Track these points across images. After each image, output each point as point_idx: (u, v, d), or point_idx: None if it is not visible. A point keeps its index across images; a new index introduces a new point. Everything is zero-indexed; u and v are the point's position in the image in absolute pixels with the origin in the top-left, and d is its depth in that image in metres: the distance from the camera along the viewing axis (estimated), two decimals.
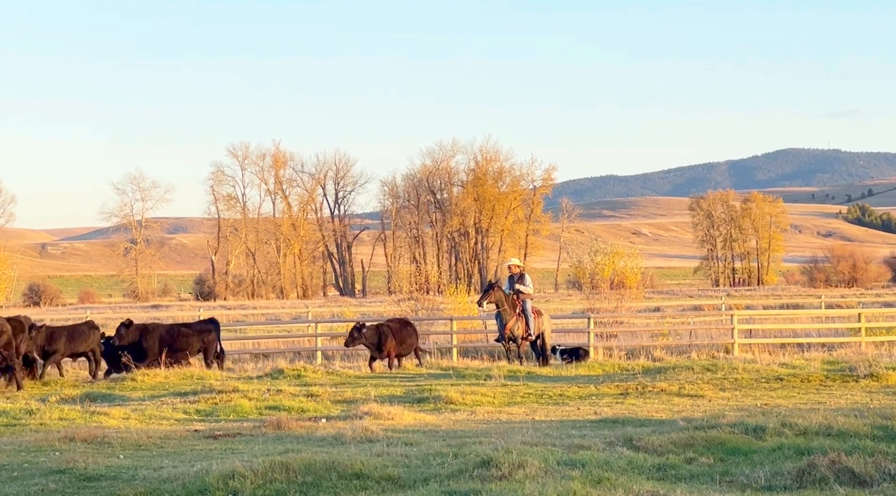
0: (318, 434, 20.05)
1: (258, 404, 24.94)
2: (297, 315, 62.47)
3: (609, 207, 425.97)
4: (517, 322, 33.66)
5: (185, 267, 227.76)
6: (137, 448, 19.03)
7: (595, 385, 28.00)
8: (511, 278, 34.67)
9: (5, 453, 18.77)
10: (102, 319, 59.89)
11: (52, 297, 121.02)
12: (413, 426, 21.08)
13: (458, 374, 31.78)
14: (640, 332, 41.81)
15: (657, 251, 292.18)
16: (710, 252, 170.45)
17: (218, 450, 18.48)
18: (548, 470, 14.64)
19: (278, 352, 38.90)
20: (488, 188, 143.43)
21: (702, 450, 16.54)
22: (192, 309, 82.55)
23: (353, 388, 28.42)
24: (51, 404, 25.38)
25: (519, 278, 34.45)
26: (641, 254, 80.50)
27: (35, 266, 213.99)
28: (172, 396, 27.04)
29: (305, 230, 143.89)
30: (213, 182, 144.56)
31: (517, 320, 33.66)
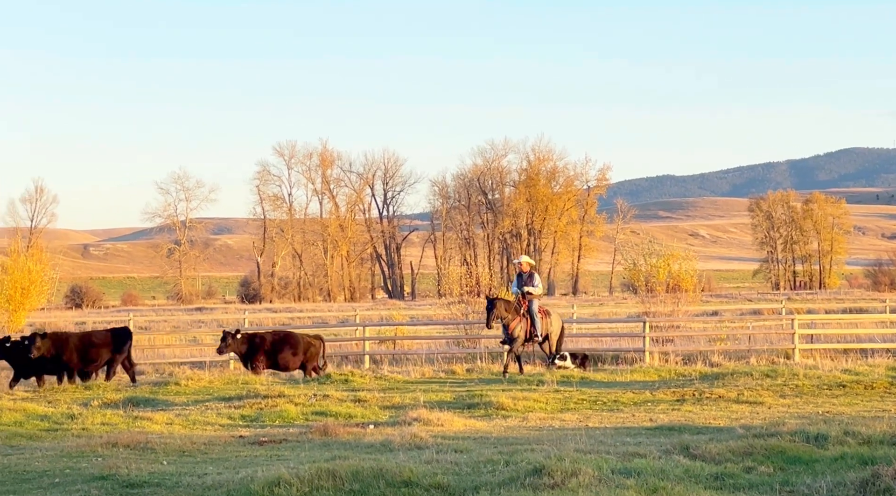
0: (366, 440, 20.07)
1: (304, 409, 24.98)
2: (345, 318, 62.57)
3: (665, 208, 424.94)
4: (520, 323, 33.37)
5: (230, 268, 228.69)
6: (181, 454, 19.09)
7: (650, 391, 27.93)
8: (520, 276, 34.42)
9: (47, 458, 18.87)
10: (145, 322, 60.18)
11: (94, 299, 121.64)
12: (463, 433, 21.07)
13: (509, 379, 31.78)
14: (697, 337, 41.64)
15: (715, 253, 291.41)
16: (770, 254, 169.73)
17: (263, 457, 18.52)
18: (602, 478, 14.61)
19: (326, 357, 38.96)
20: (541, 188, 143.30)
21: (761, 459, 16.47)
22: (236, 311, 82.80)
23: (401, 394, 28.42)
24: (93, 409, 25.50)
25: (528, 277, 34.16)
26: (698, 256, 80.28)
27: (77, 267, 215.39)
28: (217, 401, 27.12)
29: (353, 231, 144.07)
30: (258, 182, 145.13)
31: (521, 321, 33.38)
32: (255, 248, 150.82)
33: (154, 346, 42.31)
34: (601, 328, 47.42)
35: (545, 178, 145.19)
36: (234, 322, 59.17)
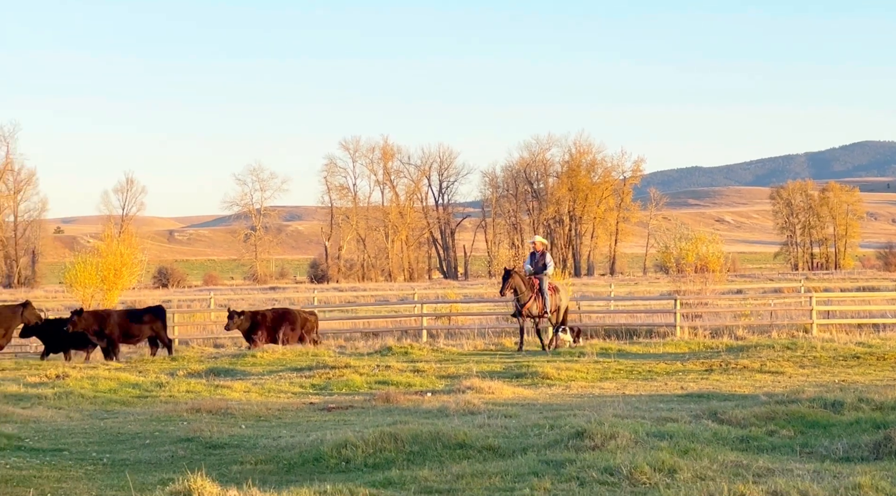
0: (424, 407, 20.08)
1: (368, 379, 25.01)
2: (404, 296, 62.61)
3: (694, 196, 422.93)
4: (535, 301, 32.67)
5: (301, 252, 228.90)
6: (258, 419, 19.16)
7: (681, 362, 27.84)
8: (532, 255, 33.71)
9: (139, 422, 18.98)
10: (225, 300, 60.34)
11: (178, 280, 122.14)
12: (512, 400, 21.06)
13: (553, 351, 31.74)
14: (723, 313, 41.45)
15: (739, 237, 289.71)
16: (790, 238, 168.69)
17: (331, 422, 18.56)
18: (638, 441, 14.58)
19: (387, 331, 39.00)
20: (581, 179, 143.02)
21: (783, 424, 16.40)
22: (306, 290, 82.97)
23: (456, 365, 28.42)
24: (179, 378, 25.61)
25: (541, 256, 33.40)
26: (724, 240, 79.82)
27: (163, 251, 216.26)
28: (289, 371, 27.18)
29: (412, 218, 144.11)
30: (326, 173, 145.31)
31: (535, 299, 32.68)
32: (323, 234, 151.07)
33: None
34: (636, 305, 47.28)
35: (585, 170, 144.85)
36: (304, 300, 59.33)
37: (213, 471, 13.34)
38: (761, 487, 11.15)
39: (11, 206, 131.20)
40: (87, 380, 24.49)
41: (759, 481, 11.83)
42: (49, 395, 22.46)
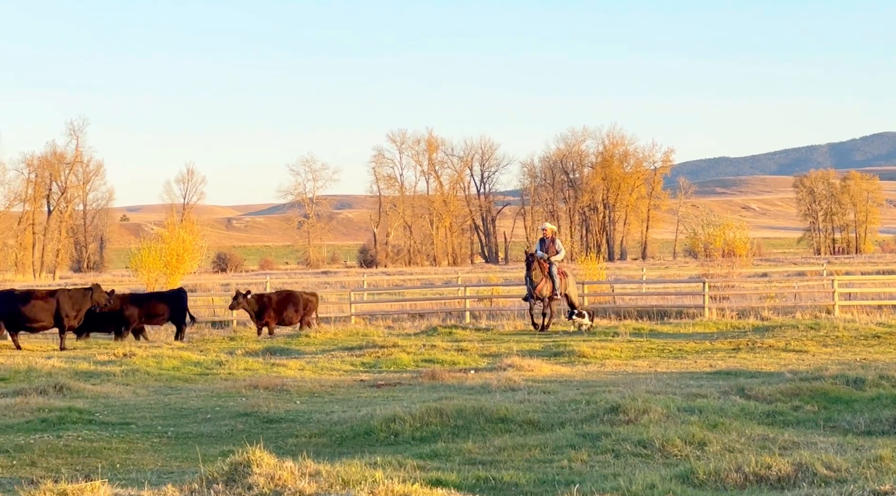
0: (468, 383, 20.08)
1: (415, 357, 25.03)
2: (448, 280, 62.55)
3: (721, 185, 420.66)
4: (546, 283, 32.40)
5: (351, 238, 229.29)
6: (311, 395, 19.20)
7: (710, 341, 27.74)
8: (542, 241, 33.39)
9: (200, 398, 19.06)
10: (280, 283, 60.52)
11: (236, 265, 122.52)
12: (550, 377, 21.05)
13: (589, 331, 31.69)
14: (749, 295, 41.29)
15: (764, 224, 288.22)
16: (812, 224, 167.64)
17: (380, 398, 18.59)
18: (669, 415, 14.55)
19: (432, 313, 39.03)
20: (614, 169, 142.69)
21: (807, 399, 16.34)
22: (356, 275, 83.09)
23: (497, 344, 28.42)
24: (237, 357, 25.70)
25: (551, 242, 33.12)
26: (750, 226, 79.64)
27: (222, 238, 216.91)
28: (341, 351, 27.22)
29: (455, 206, 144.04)
30: (374, 164, 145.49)
31: (546, 282, 32.42)
32: (371, 221, 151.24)
33: None
34: (667, 288, 47.12)
35: (618, 160, 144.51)
36: (354, 283, 59.47)
37: (270, 444, 13.38)
38: (787, 459, 11.10)
39: (81, 196, 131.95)
40: (152, 359, 24.61)
41: (785, 453, 11.78)
42: (117, 373, 22.59)
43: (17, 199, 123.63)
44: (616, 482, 10.57)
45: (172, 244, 56.23)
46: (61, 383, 19.75)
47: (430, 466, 12.12)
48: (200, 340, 31.69)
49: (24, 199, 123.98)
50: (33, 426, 15.90)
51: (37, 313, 30.74)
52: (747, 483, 10.67)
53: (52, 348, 30.47)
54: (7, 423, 16.14)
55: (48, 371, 22.64)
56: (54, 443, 14.63)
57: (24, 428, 15.78)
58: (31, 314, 30.68)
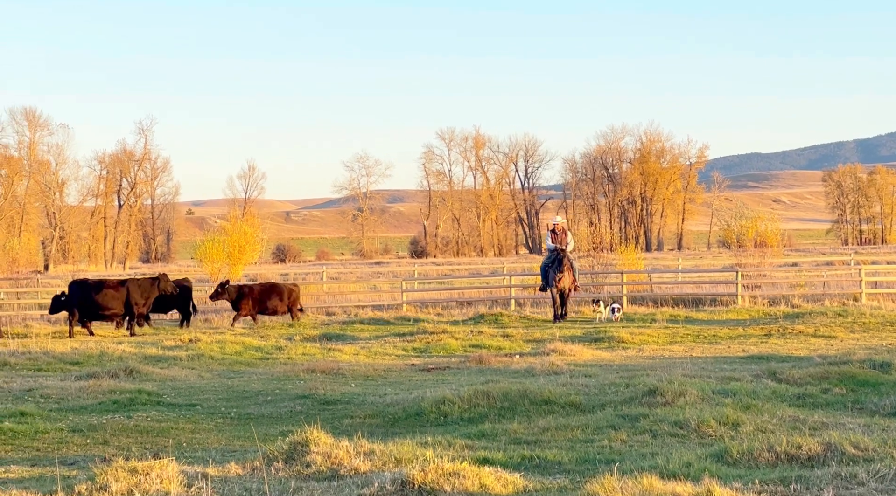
0: (513, 367, 20.08)
1: (463, 343, 25.04)
2: (495, 269, 62.48)
3: (753, 179, 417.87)
4: (566, 275, 31.66)
5: (402, 230, 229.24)
6: (365, 378, 19.25)
7: (743, 327, 27.61)
8: (553, 232, 32.46)
9: (261, 381, 19.14)
10: (335, 273, 60.71)
11: (294, 256, 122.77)
12: (591, 361, 21.01)
13: (627, 318, 31.60)
14: (780, 283, 41.01)
15: (794, 216, 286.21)
16: (840, 216, 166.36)
17: (430, 381, 18.60)
18: (704, 398, 14.48)
19: (479, 301, 38.99)
20: (652, 164, 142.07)
21: (835, 382, 16.23)
22: (407, 265, 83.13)
23: (541, 330, 28.40)
24: (296, 342, 25.80)
25: (563, 234, 32.33)
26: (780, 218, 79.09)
27: (281, 230, 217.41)
28: (393, 336, 27.27)
29: (501, 199, 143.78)
30: (424, 160, 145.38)
31: (566, 274, 31.68)
32: (421, 214, 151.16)
33: (343, 293, 42.68)
34: (701, 277, 46.90)
35: (655, 156, 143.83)
36: (405, 273, 59.44)
37: (327, 425, 13.43)
38: (816, 439, 11.03)
39: (149, 191, 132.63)
40: (216, 344, 24.73)
41: (815, 434, 11.70)
42: (183, 357, 22.72)
43: (90, 194, 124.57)
44: (654, 461, 10.55)
45: (234, 236, 56.50)
46: (131, 367, 19.89)
47: (477, 446, 12.13)
48: (261, 326, 31.82)
49: (96, 194, 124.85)
50: (105, 407, 16.02)
51: (108, 301, 30.99)
52: (779, 462, 10.61)
53: (122, 334, 30.70)
54: (81, 404, 16.27)
55: (119, 355, 22.79)
56: (125, 423, 14.73)
57: (97, 409, 15.91)
58: (103, 302, 30.94)
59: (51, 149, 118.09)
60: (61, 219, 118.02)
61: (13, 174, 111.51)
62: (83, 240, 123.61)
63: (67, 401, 16.56)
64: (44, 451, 12.82)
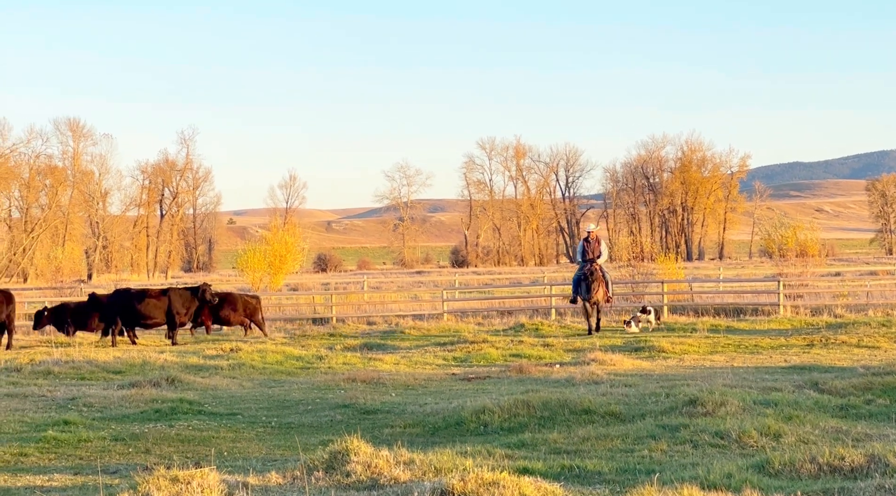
0: (553, 377, 20.05)
1: (503, 352, 25.01)
2: (535, 278, 62.45)
3: (796, 189, 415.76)
4: (600, 286, 30.81)
5: (443, 240, 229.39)
6: (406, 388, 19.26)
7: (784, 337, 27.45)
8: (587, 241, 31.61)
9: (302, 390, 19.19)
10: (376, 282, 60.81)
11: (335, 265, 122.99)
12: (631, 371, 20.94)
13: (668, 328, 31.48)
14: (822, 293, 40.74)
15: (837, 225, 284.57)
16: (884, 226, 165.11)
17: (471, 390, 18.60)
18: (745, 408, 14.41)
19: (519, 310, 38.94)
20: (693, 173, 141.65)
21: (879, 393, 16.10)
22: (448, 274, 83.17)
23: (581, 340, 28.34)
24: (336, 352, 25.84)
25: (597, 243, 31.42)
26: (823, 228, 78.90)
27: (322, 240, 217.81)
28: (433, 346, 27.27)
29: (541, 209, 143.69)
30: (465, 170, 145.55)
31: (601, 285, 30.82)
32: (462, 223, 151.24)
33: (383, 302, 42.68)
34: (743, 286, 46.72)
35: (696, 165, 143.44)
36: (446, 282, 59.52)
37: (367, 434, 13.43)
38: (859, 451, 10.95)
39: (191, 200, 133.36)
40: (257, 354, 24.80)
41: (858, 445, 11.62)
42: (224, 366, 22.79)
43: (132, 204, 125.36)
44: (695, 471, 10.51)
45: (276, 246, 56.66)
46: (173, 376, 19.99)
47: (517, 455, 12.11)
48: (302, 336, 31.90)
49: (138, 203, 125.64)
50: (147, 416, 16.10)
51: (150, 310, 31.16)
52: (821, 473, 10.54)
53: (163, 343, 30.85)
54: (123, 413, 16.36)
55: (161, 364, 22.91)
56: (167, 431, 14.80)
57: (139, 417, 15.99)
58: (146, 311, 31.11)
59: (94, 159, 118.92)
60: (104, 228, 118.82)
61: (57, 184, 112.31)
62: (126, 249, 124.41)
63: (110, 410, 16.67)
64: (87, 460, 12.90)
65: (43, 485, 11.37)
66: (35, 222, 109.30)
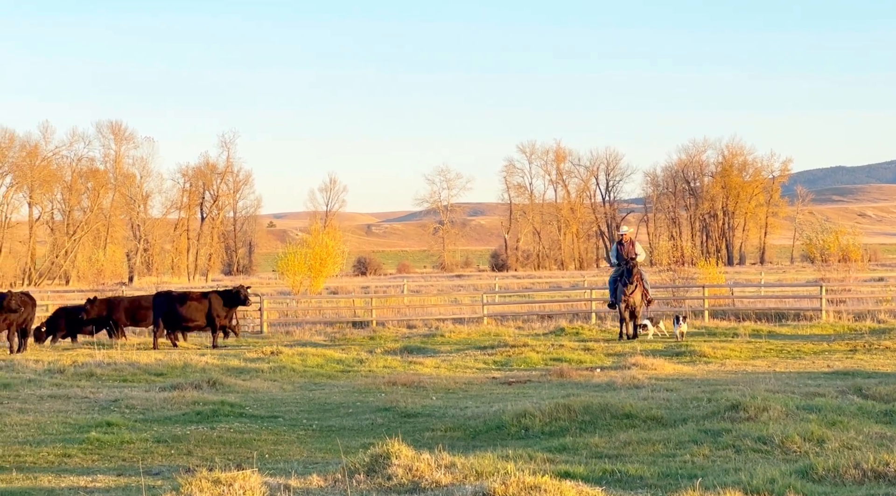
0: (594, 381, 20.01)
1: (544, 356, 24.99)
2: (575, 283, 62.32)
3: (838, 193, 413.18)
4: (637, 287, 30.16)
5: (482, 243, 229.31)
6: (446, 391, 19.26)
7: (827, 342, 27.30)
8: (620, 243, 30.92)
9: (342, 393, 19.23)
10: (416, 286, 60.83)
11: (375, 268, 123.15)
12: (672, 375, 20.88)
13: (709, 332, 31.35)
14: (865, 298, 40.42)
15: (880, 230, 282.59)
16: None
17: (511, 394, 18.58)
18: (788, 413, 14.34)
19: (560, 314, 38.87)
20: (734, 178, 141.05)
21: None
22: (488, 278, 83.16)
23: (622, 344, 28.28)
24: (377, 355, 25.86)
25: (631, 245, 30.63)
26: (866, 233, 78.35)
27: (362, 243, 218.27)
28: (474, 349, 27.26)
29: (581, 213, 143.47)
30: (505, 173, 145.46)
31: (637, 288, 30.17)
32: (502, 227, 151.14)
33: (423, 306, 42.72)
34: (784, 291, 46.42)
35: (737, 170, 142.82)
36: (486, 286, 59.47)
37: (408, 437, 13.45)
38: None
39: (231, 204, 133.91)
40: (298, 357, 24.87)
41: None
42: (265, 369, 22.87)
43: (173, 207, 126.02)
44: (737, 476, 10.46)
45: (316, 249, 56.77)
46: (214, 378, 20.09)
47: (558, 459, 12.10)
48: (342, 339, 31.96)
49: (179, 206, 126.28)
50: (189, 418, 16.18)
51: (192, 313, 31.31)
52: (865, 479, 10.48)
53: (204, 346, 30.98)
54: (165, 415, 16.45)
55: (202, 367, 23.01)
56: (208, 434, 14.87)
57: (181, 419, 16.07)
58: (187, 314, 31.26)
59: (136, 162, 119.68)
60: (145, 231, 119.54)
61: (99, 187, 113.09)
62: (166, 252, 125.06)
63: (152, 412, 16.76)
64: (129, 461, 12.98)
65: (87, 486, 11.46)
66: (77, 225, 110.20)
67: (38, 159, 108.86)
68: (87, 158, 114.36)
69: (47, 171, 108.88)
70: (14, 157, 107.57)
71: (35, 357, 26.20)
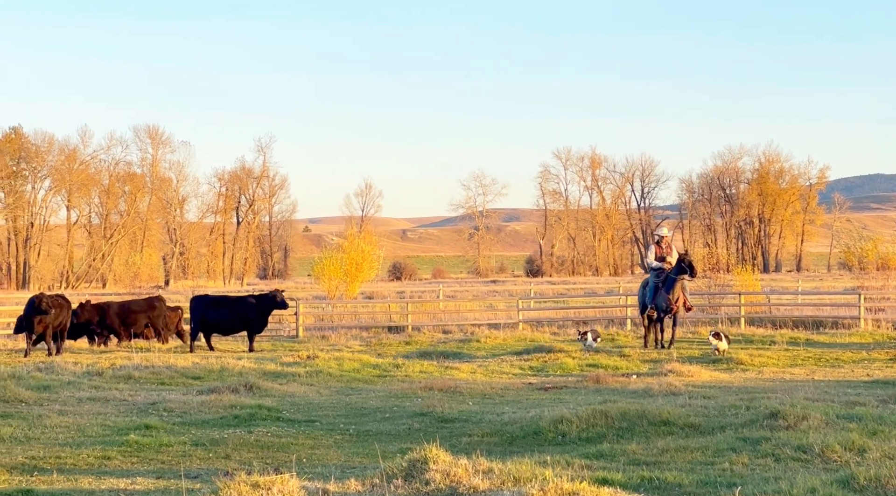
0: (630, 387, 19.96)
1: (580, 362, 24.96)
2: (610, 289, 62.14)
3: (876, 201, 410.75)
4: (681, 293, 29.36)
5: (517, 249, 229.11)
6: (483, 397, 19.25)
7: (866, 351, 27.13)
8: (658, 245, 30.51)
9: (379, 398, 19.24)
10: (451, 291, 60.81)
11: (410, 274, 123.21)
12: (709, 382, 20.80)
13: (746, 340, 31.21)
14: None
15: None
16: None
17: (548, 400, 18.56)
18: (828, 422, 14.25)
19: (595, 320, 38.79)
20: (770, 185, 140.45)
21: None
22: (523, 283, 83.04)
23: (658, 350, 28.17)
24: (413, 360, 25.86)
25: (668, 248, 30.16)
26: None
27: (397, 248, 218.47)
28: (510, 355, 27.24)
29: (616, 219, 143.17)
30: (540, 179, 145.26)
31: (681, 291, 29.38)
32: (537, 233, 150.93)
33: (459, 311, 42.69)
34: (822, 299, 46.17)
35: (774, 177, 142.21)
36: (521, 292, 59.39)
37: (445, 443, 13.44)
38: None
39: (267, 208, 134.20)
40: (334, 361, 24.92)
41: None
42: (301, 373, 22.92)
43: (209, 211, 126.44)
44: (777, 485, 10.39)
45: (352, 254, 56.87)
46: (251, 382, 20.13)
47: (596, 466, 12.06)
48: (378, 344, 31.98)
49: (215, 210, 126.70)
50: (227, 422, 16.23)
51: (228, 317, 31.33)
52: None
53: (241, 350, 31.06)
54: (203, 419, 16.50)
55: (239, 371, 23.08)
56: (246, 437, 14.91)
57: (219, 423, 16.12)
58: (224, 318, 31.29)
59: (172, 166, 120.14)
60: (181, 235, 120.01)
61: (136, 190, 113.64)
62: (202, 256, 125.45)
63: (190, 415, 16.82)
64: (168, 464, 13.03)
65: (126, 488, 11.51)
66: (114, 228, 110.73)
67: (77, 163, 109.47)
68: (125, 162, 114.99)
69: (85, 175, 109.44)
70: (53, 161, 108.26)
71: (74, 359, 26.33)
